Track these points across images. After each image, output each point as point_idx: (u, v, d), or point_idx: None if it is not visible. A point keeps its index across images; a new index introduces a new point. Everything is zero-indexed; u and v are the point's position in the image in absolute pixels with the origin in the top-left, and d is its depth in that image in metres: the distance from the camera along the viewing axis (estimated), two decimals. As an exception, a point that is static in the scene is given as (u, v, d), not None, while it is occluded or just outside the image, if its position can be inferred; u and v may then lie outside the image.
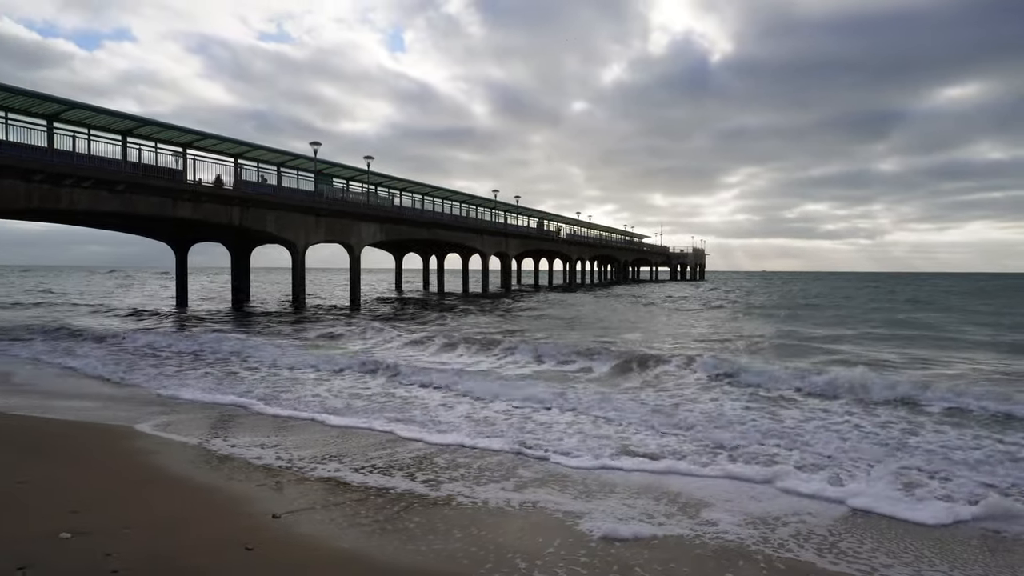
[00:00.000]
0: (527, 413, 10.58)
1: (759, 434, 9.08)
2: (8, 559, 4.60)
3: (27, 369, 15.15)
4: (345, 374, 14.52)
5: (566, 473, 7.48)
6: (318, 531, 5.60)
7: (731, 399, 11.69)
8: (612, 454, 8.17)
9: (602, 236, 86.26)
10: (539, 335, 22.25)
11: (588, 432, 9.32)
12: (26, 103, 25.01)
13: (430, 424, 9.81)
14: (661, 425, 9.62)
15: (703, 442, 8.78)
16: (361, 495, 6.59)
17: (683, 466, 7.66)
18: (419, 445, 8.61)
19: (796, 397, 11.89)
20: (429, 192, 47.81)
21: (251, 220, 32.59)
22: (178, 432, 9.09)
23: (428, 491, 6.76)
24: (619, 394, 12.08)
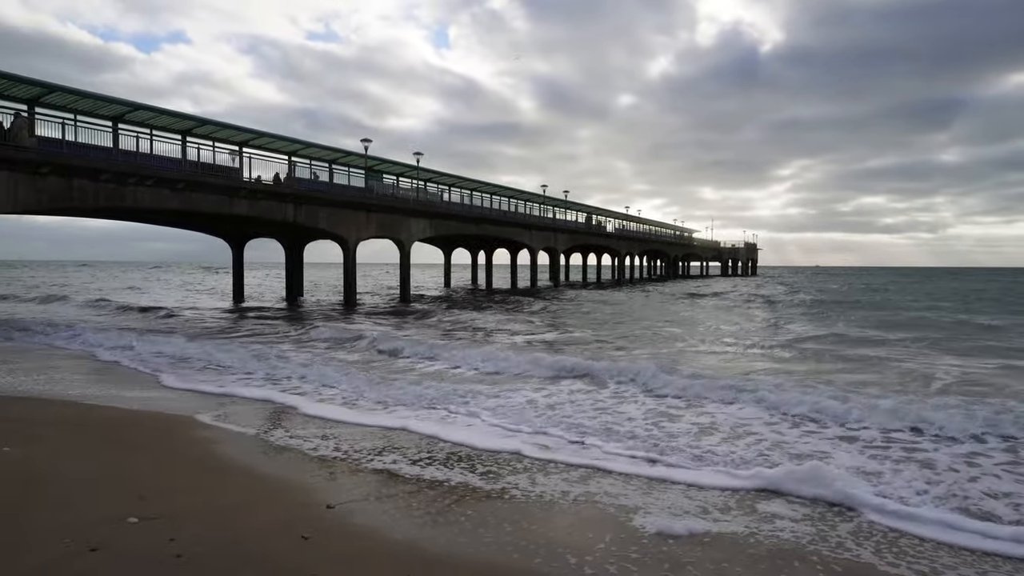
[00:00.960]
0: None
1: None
2: (81, 541, 4.82)
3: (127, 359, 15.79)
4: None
5: (614, 468, 7.45)
6: (372, 522, 5.70)
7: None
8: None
9: (651, 231, 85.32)
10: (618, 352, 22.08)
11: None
12: (93, 105, 26.04)
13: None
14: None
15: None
16: (414, 487, 6.68)
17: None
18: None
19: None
20: (478, 187, 48.02)
21: (304, 216, 33.26)
22: (237, 423, 9.38)
23: (482, 484, 6.82)
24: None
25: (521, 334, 22.60)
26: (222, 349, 17.01)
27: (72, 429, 8.58)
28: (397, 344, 17.91)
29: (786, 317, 31.28)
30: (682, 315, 32.39)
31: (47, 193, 23.18)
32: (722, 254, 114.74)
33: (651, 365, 13.09)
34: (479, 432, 8.97)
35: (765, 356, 17.86)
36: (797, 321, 29.10)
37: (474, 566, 4.92)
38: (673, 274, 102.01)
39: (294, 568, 4.64)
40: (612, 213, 72.93)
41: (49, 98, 24.84)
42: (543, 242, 56.73)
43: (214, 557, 4.73)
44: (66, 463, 6.99)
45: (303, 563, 4.74)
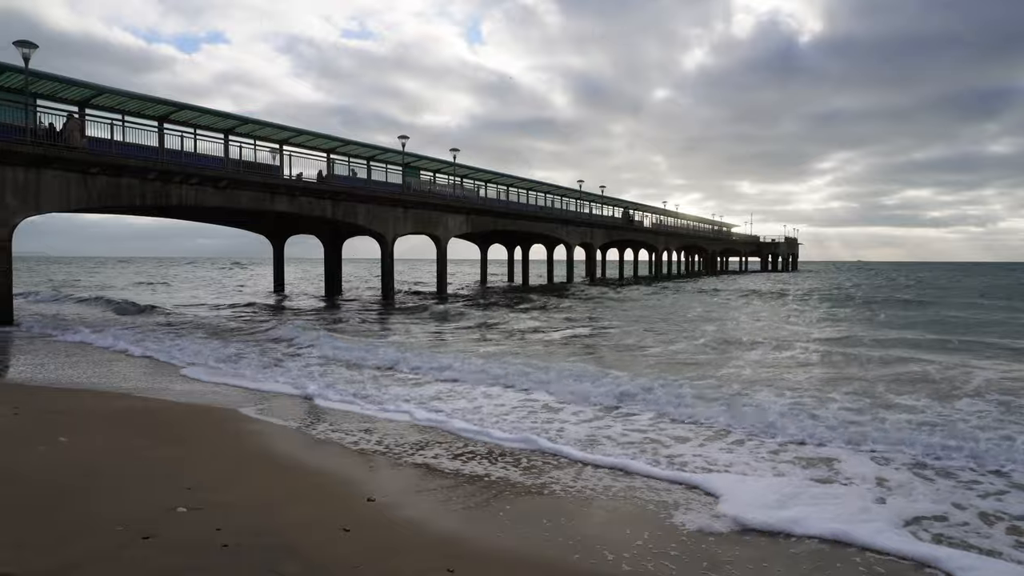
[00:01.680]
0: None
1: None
2: (133, 529, 4.98)
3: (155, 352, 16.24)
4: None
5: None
6: (412, 515, 5.77)
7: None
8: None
9: (689, 226, 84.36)
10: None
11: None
12: (139, 106, 26.75)
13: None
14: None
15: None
16: (452, 482, 6.74)
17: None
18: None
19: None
20: (514, 183, 48.05)
21: (343, 213, 33.69)
22: (280, 416, 9.56)
23: (521, 479, 6.85)
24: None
25: (556, 342, 22.54)
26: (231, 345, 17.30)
27: (121, 420, 8.85)
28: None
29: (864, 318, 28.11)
30: (739, 330, 31.92)
31: (97, 191, 23.89)
32: (761, 249, 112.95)
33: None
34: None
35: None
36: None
37: (513, 560, 4.94)
38: (711, 270, 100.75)
39: (336, 560, 4.72)
40: (649, 208, 72.32)
41: (98, 99, 25.58)
42: (579, 238, 56.53)
43: (258, 548, 4.84)
44: (117, 453, 7.22)
45: (345, 555, 4.81)
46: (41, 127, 22.84)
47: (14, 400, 9.94)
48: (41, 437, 7.64)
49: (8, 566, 4.26)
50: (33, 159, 21.92)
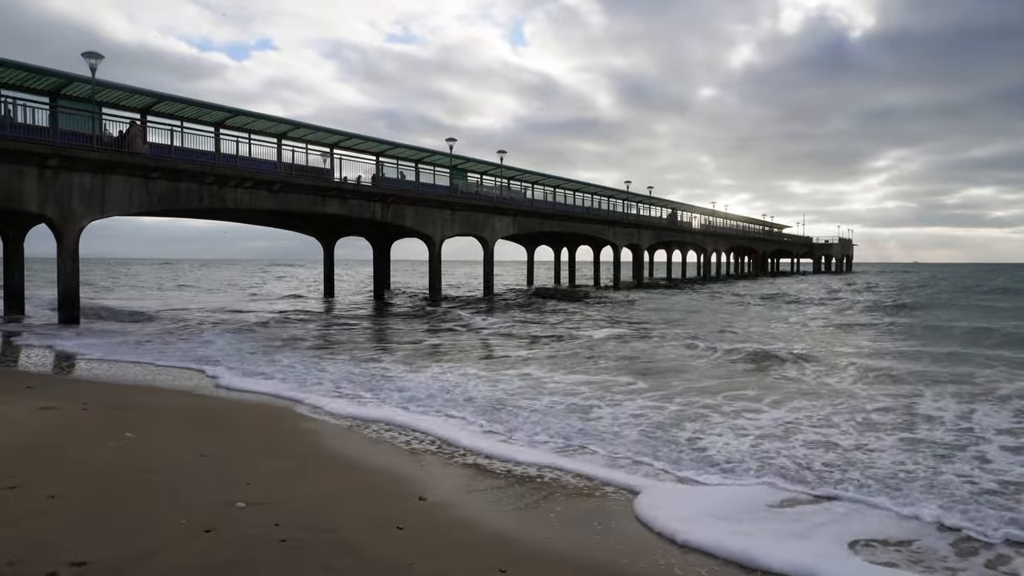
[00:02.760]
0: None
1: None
2: (195, 522, 5.15)
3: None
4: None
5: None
6: (463, 514, 5.83)
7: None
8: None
9: (738, 226, 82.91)
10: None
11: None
12: (197, 112, 27.60)
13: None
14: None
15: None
16: (503, 482, 6.78)
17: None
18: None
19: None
20: (560, 185, 47.99)
21: (392, 215, 34.14)
22: (333, 415, 9.76)
23: (573, 481, 6.85)
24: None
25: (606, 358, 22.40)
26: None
27: (182, 416, 9.16)
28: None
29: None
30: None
31: (158, 195, 24.73)
32: (814, 250, 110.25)
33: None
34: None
35: None
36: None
37: (563, 562, 4.95)
38: (762, 271, 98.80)
39: (390, 558, 4.80)
40: (697, 209, 71.38)
41: (159, 107, 26.48)
42: (627, 239, 56.13)
43: (315, 543, 4.95)
44: (179, 448, 7.47)
45: (399, 553, 4.89)
46: (107, 135, 23.77)
47: (83, 396, 10.37)
48: (109, 433, 7.95)
49: (83, 555, 4.45)
50: (99, 165, 22.82)
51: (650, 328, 23.57)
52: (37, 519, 5.09)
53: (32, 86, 23.41)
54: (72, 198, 22.48)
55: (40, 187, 21.75)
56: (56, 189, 22.11)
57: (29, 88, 23.41)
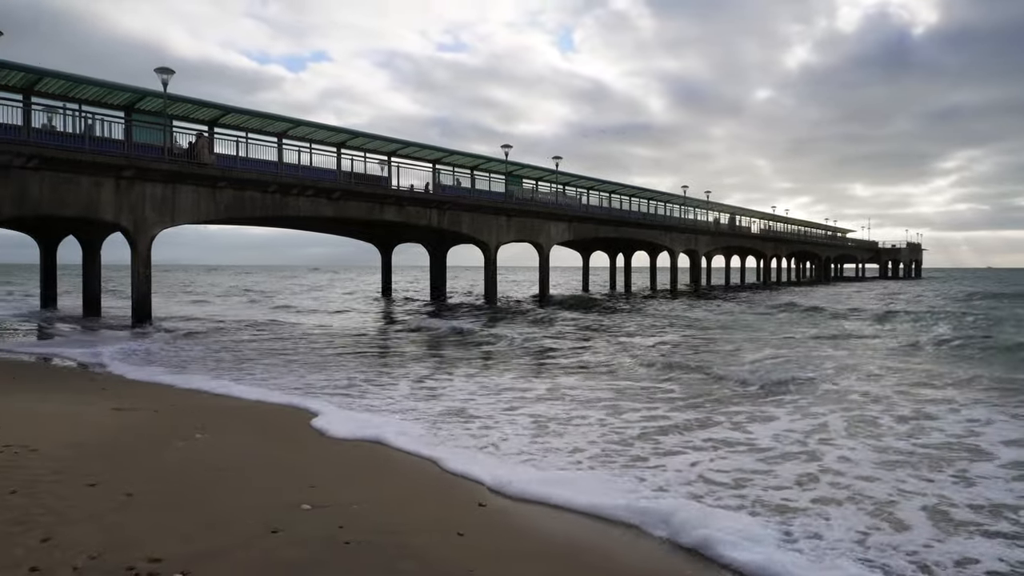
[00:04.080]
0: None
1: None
2: (263, 523, 5.28)
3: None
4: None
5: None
6: (524, 522, 5.82)
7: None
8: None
9: (799, 231, 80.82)
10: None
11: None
12: (261, 123, 28.51)
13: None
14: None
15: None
16: (561, 490, 6.72)
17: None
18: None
19: None
20: (616, 190, 47.71)
21: (448, 222, 34.51)
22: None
23: (627, 490, 6.76)
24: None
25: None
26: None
27: (249, 418, 9.42)
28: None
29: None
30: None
31: (224, 204, 25.62)
32: (880, 255, 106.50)
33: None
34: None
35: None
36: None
37: (628, 571, 4.89)
38: (825, 277, 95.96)
39: (451, 563, 4.82)
40: (757, 213, 69.90)
41: (225, 119, 27.45)
42: (684, 244, 55.36)
43: (378, 547, 5.01)
44: (246, 449, 7.68)
45: (459, 559, 4.91)
46: (177, 146, 24.76)
47: (154, 398, 10.78)
48: (179, 433, 8.24)
49: (158, 551, 4.61)
50: (169, 175, 23.78)
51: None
52: (116, 515, 5.31)
53: (109, 101, 24.58)
54: (145, 207, 23.46)
55: (116, 197, 22.78)
56: (130, 199, 23.12)
57: (106, 103, 24.58)
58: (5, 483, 5.88)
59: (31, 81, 22.47)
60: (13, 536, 4.77)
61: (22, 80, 22.33)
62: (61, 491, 5.77)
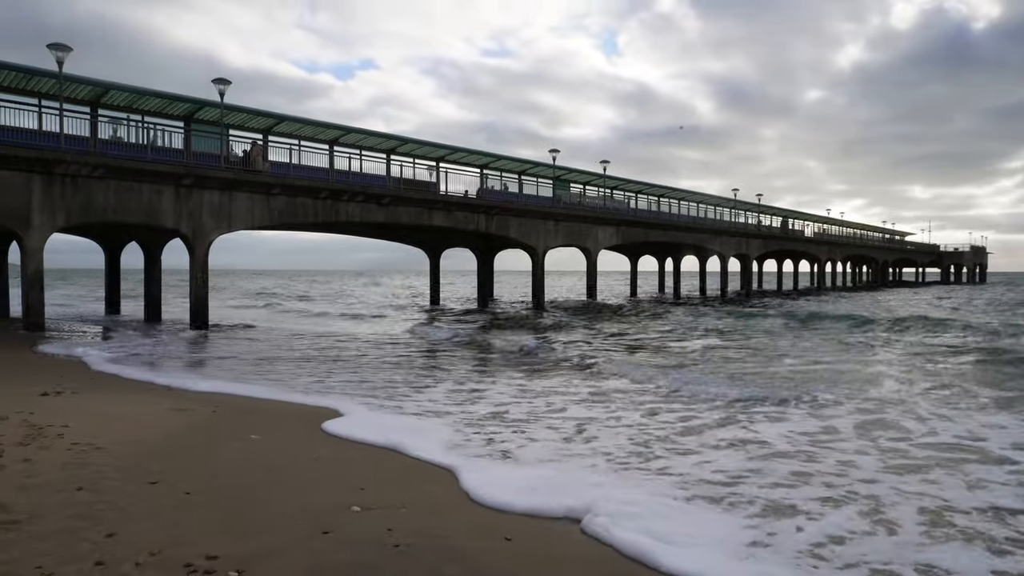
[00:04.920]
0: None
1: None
2: (315, 524, 5.39)
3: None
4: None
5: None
6: (569, 529, 5.79)
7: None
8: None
9: (855, 234, 78.58)
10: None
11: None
12: (313, 131, 29.15)
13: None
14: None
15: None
16: (609, 497, 6.67)
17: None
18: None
19: None
20: (664, 194, 47.22)
21: (496, 226, 34.67)
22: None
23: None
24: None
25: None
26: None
27: (303, 422, 9.62)
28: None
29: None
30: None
31: (278, 210, 26.26)
32: (942, 259, 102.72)
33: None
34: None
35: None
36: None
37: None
38: (882, 282, 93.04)
39: (498, 567, 4.83)
40: (810, 216, 68.24)
41: (279, 127, 28.17)
42: (734, 248, 54.42)
43: (426, 550, 5.06)
44: (298, 452, 7.84)
45: (506, 564, 4.92)
46: (233, 155, 25.51)
47: (212, 399, 11.11)
48: (236, 434, 8.47)
49: (215, 549, 4.75)
50: (226, 183, 24.50)
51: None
52: (175, 513, 5.49)
53: (169, 112, 25.48)
54: (203, 214, 24.22)
55: (175, 204, 23.58)
56: (189, 206, 23.89)
57: (167, 114, 25.49)
58: (73, 479, 6.14)
59: (98, 94, 23.46)
60: (79, 531, 4.97)
61: (90, 93, 23.35)
62: (124, 488, 6.00)
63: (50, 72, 21.31)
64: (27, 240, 20.95)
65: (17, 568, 4.33)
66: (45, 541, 4.76)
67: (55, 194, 21.12)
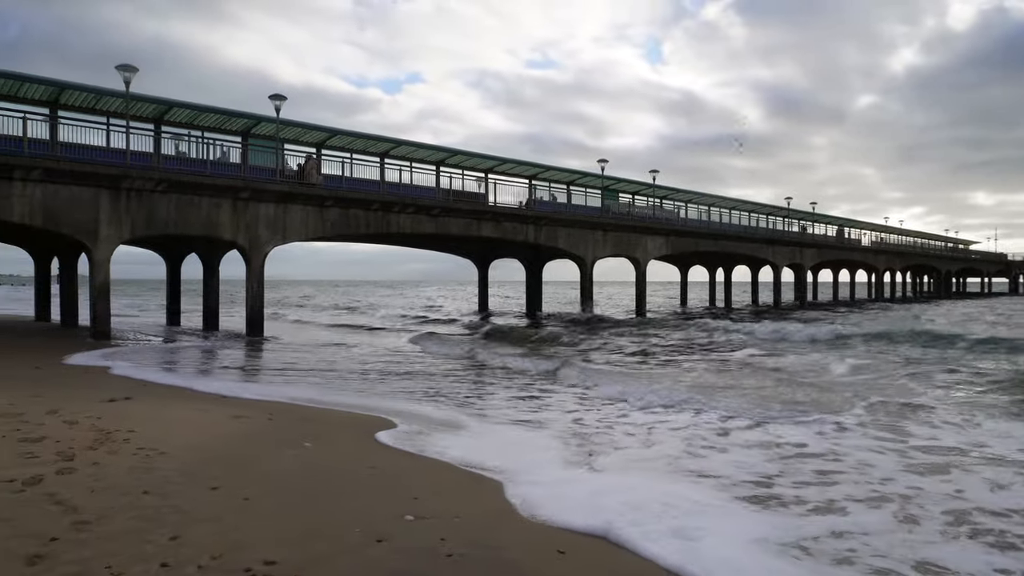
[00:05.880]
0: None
1: None
2: (369, 532, 5.45)
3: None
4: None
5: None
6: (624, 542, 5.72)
7: None
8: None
9: (915, 243, 76.04)
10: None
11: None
12: (365, 144, 29.72)
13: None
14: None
15: None
16: (662, 510, 6.57)
17: None
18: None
19: None
20: (715, 203, 46.56)
21: (544, 237, 34.69)
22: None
23: (731, 514, 6.52)
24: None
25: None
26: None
27: (356, 432, 9.76)
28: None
29: None
30: None
31: (331, 222, 26.83)
32: (1010, 268, 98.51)
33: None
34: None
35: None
36: None
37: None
38: (945, 292, 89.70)
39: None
40: (866, 225, 66.36)
41: (331, 140, 28.82)
42: (787, 258, 53.25)
43: (479, 560, 5.06)
44: (352, 460, 7.95)
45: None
46: (288, 168, 26.19)
47: (268, 406, 11.37)
48: (290, 441, 8.64)
49: (273, 555, 4.85)
50: (281, 196, 25.16)
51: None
52: (234, 518, 5.62)
53: (228, 128, 26.33)
54: (259, 226, 24.90)
55: (233, 217, 24.30)
56: (246, 219, 24.60)
57: (225, 130, 26.35)
58: (138, 483, 6.35)
59: (161, 111, 24.41)
60: (145, 533, 5.14)
61: (154, 111, 24.31)
62: (187, 492, 6.17)
63: (118, 92, 22.27)
64: (95, 252, 21.86)
65: (89, 567, 4.50)
66: (114, 541, 4.93)
67: (121, 208, 22.00)
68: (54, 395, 11.18)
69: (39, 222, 20.84)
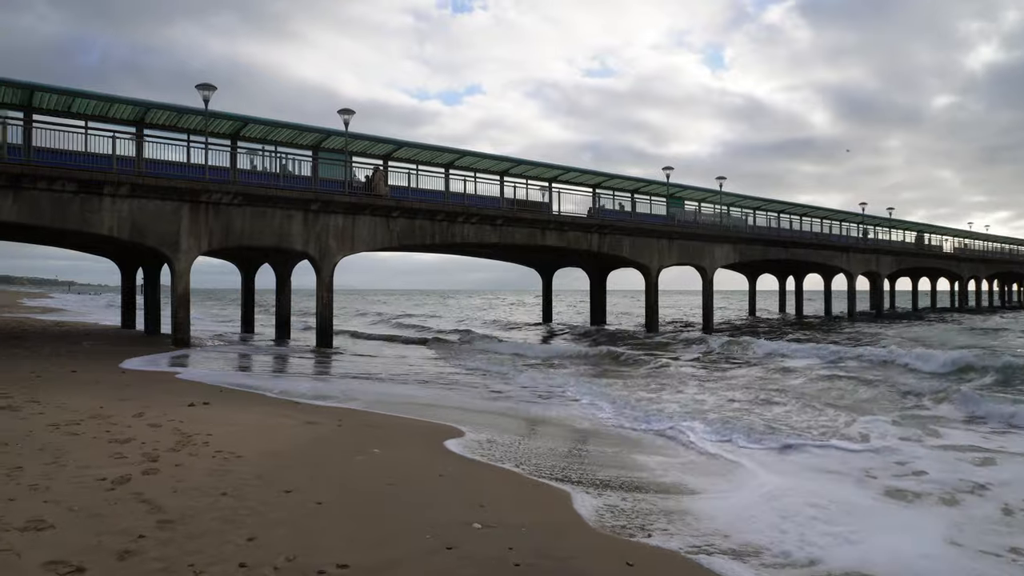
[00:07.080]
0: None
1: None
2: (438, 538, 5.49)
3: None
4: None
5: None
6: (692, 555, 5.60)
7: None
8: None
9: (1004, 249, 72.11)
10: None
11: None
12: (430, 156, 30.19)
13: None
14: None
15: None
16: (734, 525, 6.40)
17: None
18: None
19: None
20: (785, 209, 45.30)
21: (608, 245, 34.44)
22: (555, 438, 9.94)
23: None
24: None
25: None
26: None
27: (423, 436, 9.88)
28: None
29: None
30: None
31: (397, 232, 27.32)
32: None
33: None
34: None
35: None
36: None
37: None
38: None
39: (621, 592, 4.73)
40: (948, 230, 63.31)
41: (398, 152, 29.39)
42: (862, 265, 51.28)
43: (546, 571, 5.03)
44: (420, 466, 8.04)
45: (629, 589, 4.81)
46: (356, 180, 26.86)
47: (339, 413, 11.63)
48: (359, 447, 8.81)
49: (345, 558, 4.95)
50: (349, 207, 25.79)
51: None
52: (308, 521, 5.76)
53: (299, 142, 27.21)
54: (328, 237, 25.58)
55: (304, 228, 25.04)
56: (316, 230, 25.31)
57: (296, 144, 27.24)
58: (217, 485, 6.59)
59: (237, 128, 25.43)
60: (224, 533, 5.32)
61: (230, 127, 25.35)
62: (263, 495, 6.36)
63: (198, 110, 23.33)
64: (176, 263, 22.88)
65: (174, 565, 4.68)
66: (195, 540, 5.13)
67: (200, 220, 22.98)
68: (139, 398, 11.74)
69: (126, 235, 21.96)
